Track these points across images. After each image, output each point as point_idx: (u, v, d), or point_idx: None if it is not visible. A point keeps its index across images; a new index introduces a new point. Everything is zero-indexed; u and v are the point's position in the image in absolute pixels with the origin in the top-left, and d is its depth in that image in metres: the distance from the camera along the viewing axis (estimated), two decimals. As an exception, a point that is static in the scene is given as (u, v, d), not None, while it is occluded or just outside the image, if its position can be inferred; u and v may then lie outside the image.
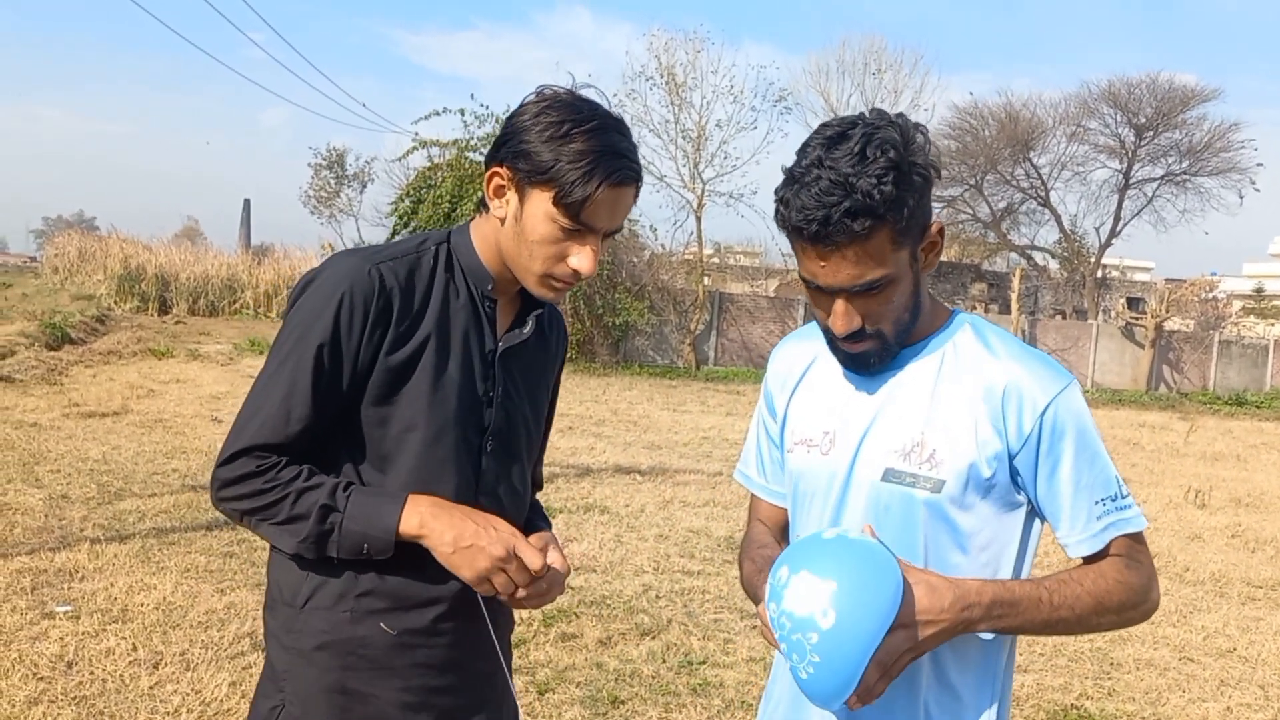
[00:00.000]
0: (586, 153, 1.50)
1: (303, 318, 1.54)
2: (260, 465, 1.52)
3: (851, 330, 1.47)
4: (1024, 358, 1.51)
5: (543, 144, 1.51)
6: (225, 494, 1.54)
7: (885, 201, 1.36)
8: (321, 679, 1.58)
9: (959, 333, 1.56)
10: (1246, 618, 6.10)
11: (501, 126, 1.60)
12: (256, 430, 1.52)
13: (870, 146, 1.37)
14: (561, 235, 1.55)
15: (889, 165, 1.36)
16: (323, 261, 1.62)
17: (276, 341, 1.57)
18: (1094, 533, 1.49)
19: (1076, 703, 4.50)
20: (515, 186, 1.55)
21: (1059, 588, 1.46)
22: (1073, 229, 33.96)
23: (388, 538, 1.52)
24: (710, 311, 23.61)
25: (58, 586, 4.98)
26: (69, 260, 25.14)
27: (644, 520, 7.32)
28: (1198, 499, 9.98)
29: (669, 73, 24.45)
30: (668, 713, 4.04)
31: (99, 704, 3.74)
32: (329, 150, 38.47)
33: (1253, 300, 43.51)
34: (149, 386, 12.39)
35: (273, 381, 1.54)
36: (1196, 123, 31.49)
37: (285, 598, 1.60)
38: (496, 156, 1.57)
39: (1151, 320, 26.72)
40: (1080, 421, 1.49)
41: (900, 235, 1.41)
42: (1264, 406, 23.76)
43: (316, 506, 1.51)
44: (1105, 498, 1.49)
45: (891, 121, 1.41)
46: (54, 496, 6.71)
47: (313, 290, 1.55)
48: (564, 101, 1.55)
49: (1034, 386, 1.48)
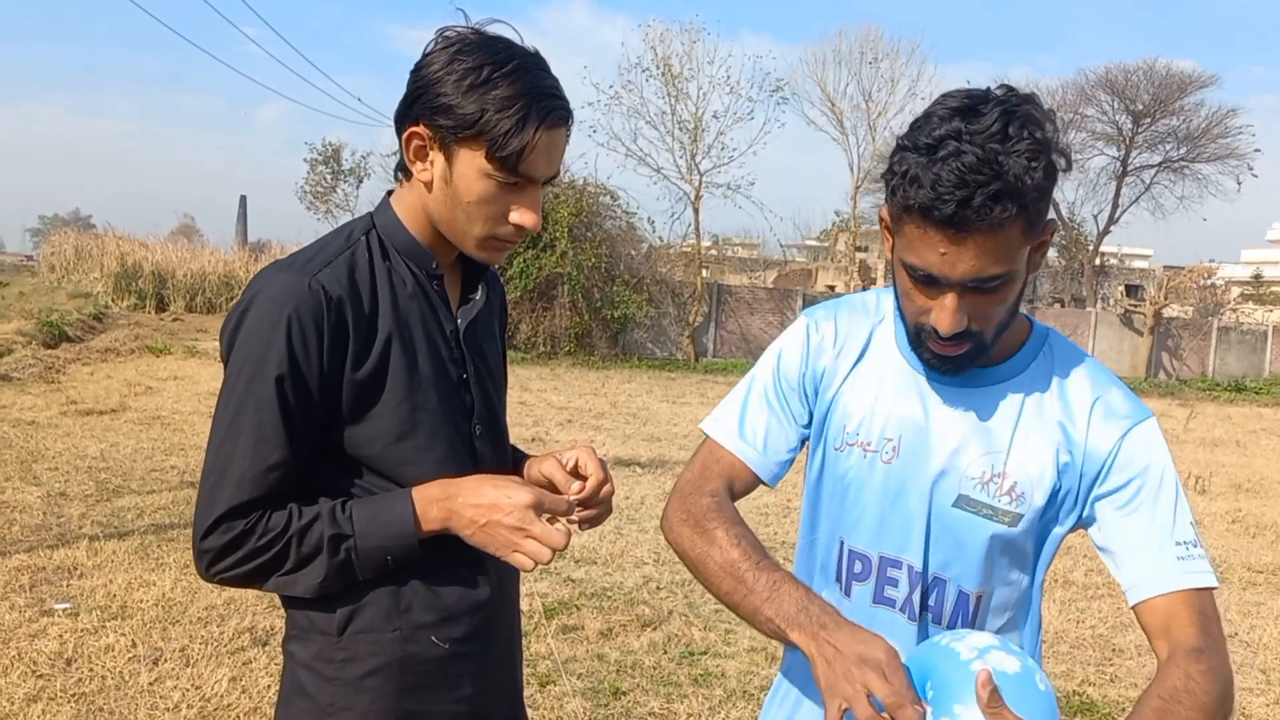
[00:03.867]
0: (515, 97, 1.36)
1: (250, 352, 1.36)
2: (246, 524, 1.37)
3: (959, 330, 1.31)
4: (1109, 383, 1.44)
5: (463, 94, 1.36)
6: (218, 567, 1.38)
7: (1035, 188, 1.22)
8: (375, 705, 1.46)
9: (1044, 348, 1.46)
10: (1247, 602, 6.10)
11: (409, 81, 1.42)
12: (233, 490, 1.36)
13: (1014, 124, 1.22)
14: (499, 191, 1.41)
15: (1037, 147, 1.22)
16: (249, 285, 1.41)
17: (226, 386, 1.39)
18: (1173, 574, 1.35)
19: (1079, 689, 4.49)
20: (439, 146, 1.40)
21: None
22: (1071, 217, 33.94)
23: (410, 543, 1.41)
24: (709, 304, 23.58)
25: (57, 584, 4.97)
26: (66, 258, 25.09)
27: (644, 512, 7.31)
28: (1198, 485, 9.98)
29: (665, 64, 24.39)
30: (669, 703, 4.03)
31: (98, 700, 3.73)
32: (325, 145, 38.37)
33: (1251, 286, 43.52)
34: (147, 384, 12.37)
35: (235, 430, 1.37)
36: (1194, 109, 31.50)
37: (319, 626, 1.46)
38: (410, 115, 1.40)
39: (1150, 307, 26.72)
40: (1163, 456, 1.40)
41: (1030, 228, 1.26)
42: (1263, 392, 23.77)
43: (325, 540, 1.38)
44: (1186, 541, 1.36)
45: (1028, 98, 1.26)
46: (52, 494, 6.70)
47: (252, 320, 1.37)
48: (475, 43, 1.39)
49: (1119, 410, 1.41)
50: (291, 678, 1.51)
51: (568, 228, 19.94)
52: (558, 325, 20.74)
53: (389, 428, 1.43)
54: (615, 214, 21.83)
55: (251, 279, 1.42)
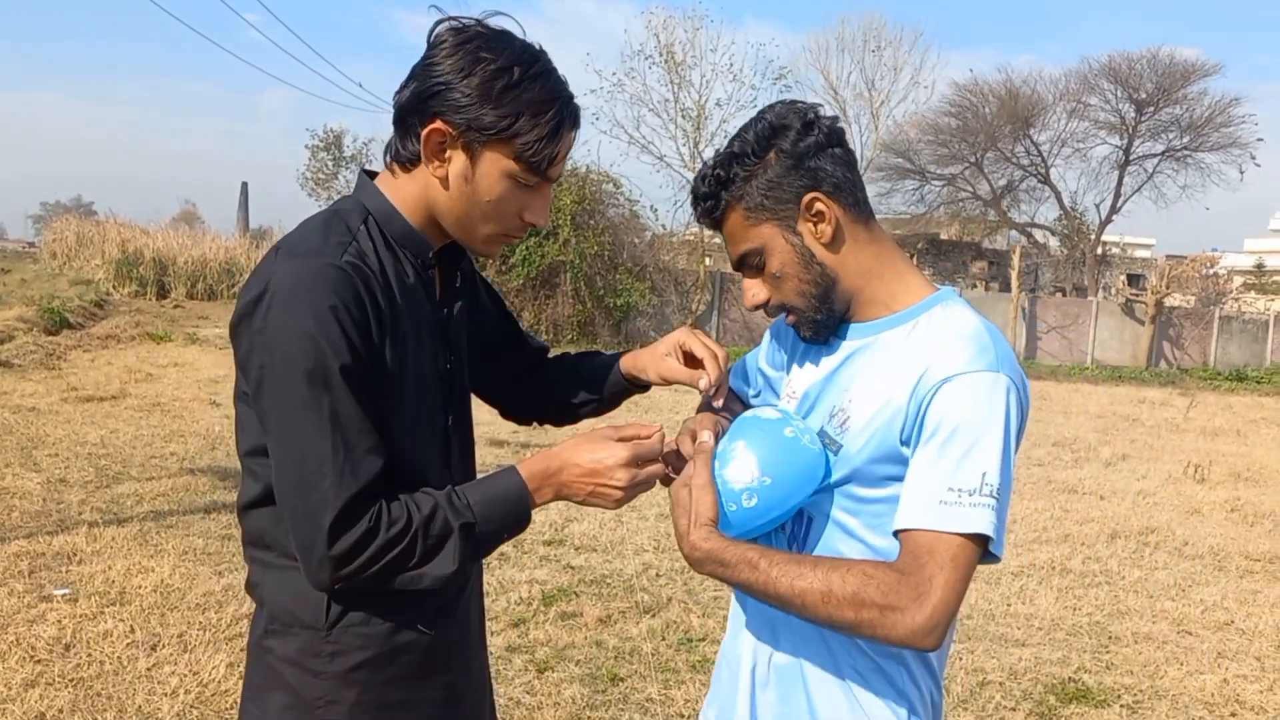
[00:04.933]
0: (548, 102, 1.39)
1: (301, 347, 1.30)
2: (370, 520, 1.32)
3: (756, 304, 1.57)
4: (959, 340, 1.43)
5: (495, 97, 1.36)
6: (348, 570, 1.33)
7: (720, 184, 1.49)
8: (364, 698, 1.46)
9: (927, 314, 1.50)
10: (1244, 591, 6.10)
11: (418, 74, 1.41)
12: (340, 487, 1.31)
13: (735, 138, 1.51)
14: (518, 191, 1.44)
15: (730, 153, 1.49)
16: (258, 276, 1.36)
17: (282, 387, 1.32)
18: (922, 513, 1.35)
19: (1075, 676, 4.50)
20: (462, 145, 1.39)
21: (783, 561, 1.37)
22: (1073, 206, 33.89)
23: (525, 522, 1.45)
24: (712, 292, 23.58)
25: (56, 569, 4.98)
26: (67, 245, 25.05)
27: (645, 499, 7.31)
28: (1197, 474, 9.98)
29: (668, 51, 24.38)
30: (667, 689, 4.05)
31: (96, 685, 3.74)
32: (326, 132, 38.12)
33: (1253, 276, 43.40)
34: (147, 370, 12.38)
35: (314, 428, 1.31)
36: (1197, 98, 31.42)
37: (304, 620, 1.44)
38: (428, 110, 1.38)
39: (1152, 297, 26.69)
40: (971, 409, 1.36)
41: (752, 210, 1.49)
42: (1264, 382, 23.73)
43: (454, 528, 1.37)
44: (963, 489, 1.33)
45: (764, 115, 1.50)
46: (52, 480, 6.72)
47: (286, 312, 1.31)
48: (493, 40, 1.39)
49: (943, 365, 1.40)
50: (267, 673, 1.49)
51: (570, 215, 19.93)
52: (560, 313, 20.75)
53: (384, 413, 1.41)
54: (618, 202, 21.84)
55: (256, 271, 1.37)
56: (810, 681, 1.53)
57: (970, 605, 5.41)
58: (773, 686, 1.58)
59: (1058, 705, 4.19)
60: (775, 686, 1.57)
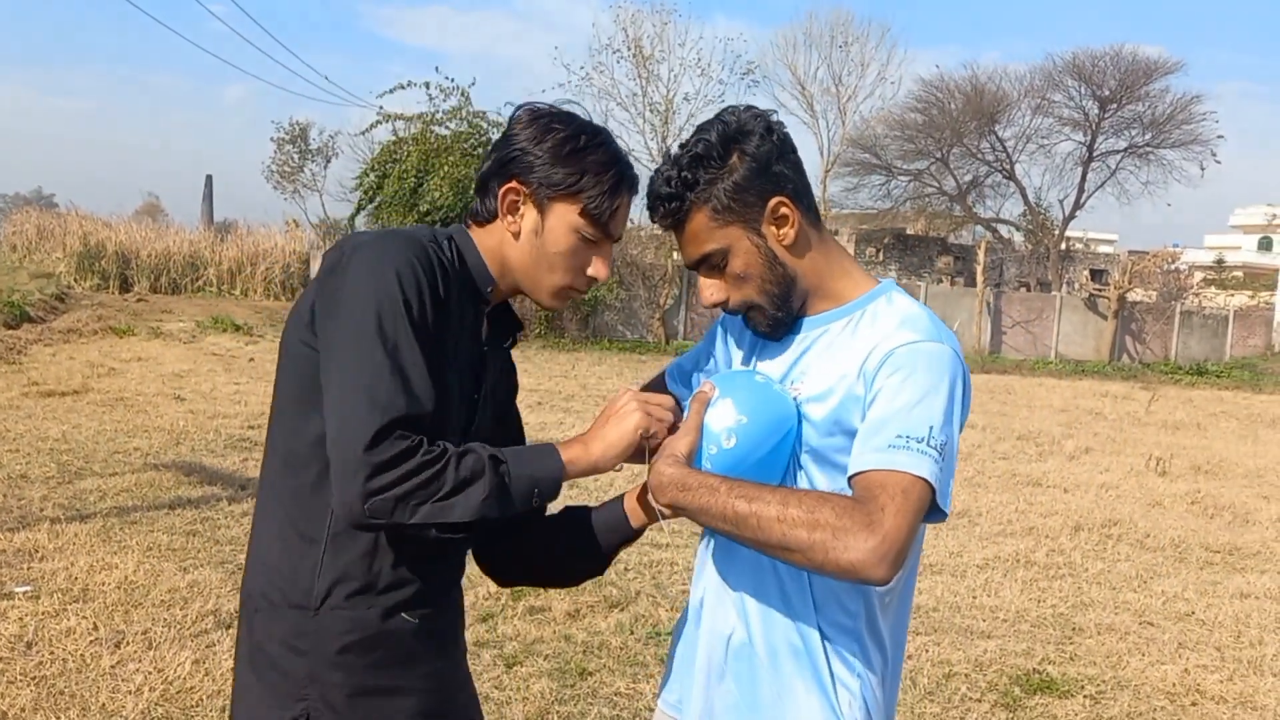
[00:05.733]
0: (609, 163, 1.57)
1: (380, 286, 1.42)
2: (412, 440, 1.37)
3: (714, 302, 1.60)
4: (905, 321, 1.52)
5: (564, 159, 1.54)
6: (379, 482, 1.35)
7: (686, 185, 1.52)
8: (350, 681, 1.50)
9: (873, 304, 1.59)
10: (1204, 582, 6.20)
11: (499, 146, 1.61)
12: (393, 403, 1.37)
13: (693, 138, 1.55)
14: (582, 246, 1.59)
15: (694, 155, 1.53)
16: (338, 246, 1.50)
17: (347, 324, 1.42)
18: (874, 455, 1.41)
19: (1039, 667, 4.56)
20: (533, 201, 1.57)
21: (743, 485, 1.42)
22: (1037, 202, 34.26)
23: (556, 477, 1.50)
24: (679, 286, 23.60)
25: (17, 566, 4.91)
26: (27, 238, 24.71)
27: (613, 493, 7.32)
28: (1159, 466, 10.13)
29: (636, 45, 24.35)
30: (635, 683, 4.06)
31: (59, 683, 3.70)
32: (292, 125, 37.86)
33: (1214, 271, 44.08)
34: (110, 365, 12.22)
35: (374, 352, 1.39)
36: (1159, 95, 31.86)
37: (293, 599, 1.50)
38: (505, 173, 1.57)
39: (1114, 292, 27.03)
40: (920, 368, 1.44)
41: (718, 213, 1.53)
42: (1224, 376, 24.13)
43: (485, 461, 1.42)
44: (910, 435, 1.40)
45: (723, 117, 1.55)
46: (13, 476, 6.62)
47: (376, 255, 1.44)
48: (564, 117, 1.59)
49: (890, 340, 1.49)
50: (257, 652, 1.53)
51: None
52: (528, 307, 20.66)
53: None
54: (586, 196, 21.74)
55: (336, 244, 1.51)
56: (764, 659, 1.58)
57: (936, 597, 5.47)
58: (730, 677, 1.61)
59: (1022, 696, 4.24)
60: (732, 677, 1.61)
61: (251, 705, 1.55)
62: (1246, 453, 11.83)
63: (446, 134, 20.47)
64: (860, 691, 1.55)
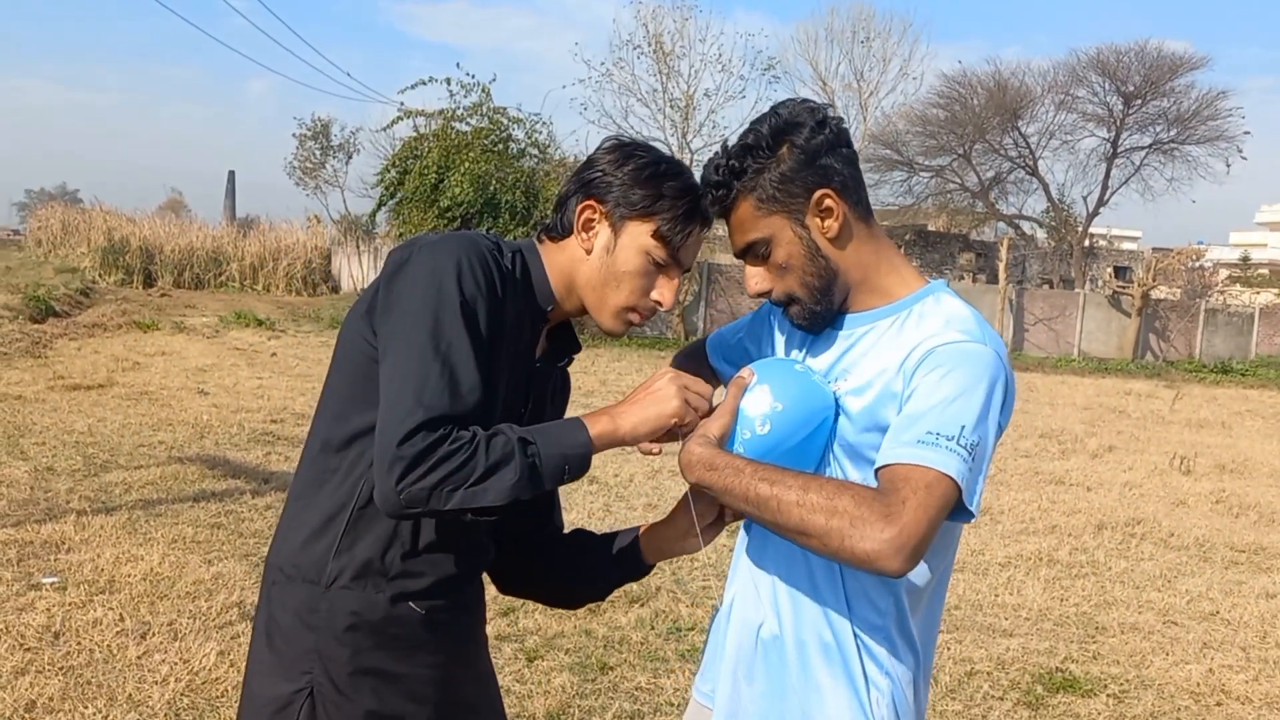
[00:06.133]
0: (686, 190, 1.61)
1: (431, 285, 1.46)
2: (440, 433, 1.41)
3: (759, 291, 1.61)
4: (951, 321, 1.51)
5: (642, 182, 1.59)
6: (412, 475, 1.39)
7: (734, 174, 1.54)
8: (354, 660, 1.55)
9: (920, 303, 1.57)
10: (1229, 581, 6.16)
11: (582, 168, 1.66)
12: (432, 402, 1.41)
13: (746, 130, 1.56)
14: (651, 268, 1.61)
15: (744, 145, 1.54)
16: (425, 235, 1.56)
17: (407, 318, 1.46)
18: (902, 449, 1.40)
19: (1061, 666, 4.54)
20: (608, 220, 1.61)
21: (769, 469, 1.44)
22: (1060, 198, 33.96)
23: (585, 452, 1.50)
24: (699, 283, 23.58)
25: (44, 558, 4.97)
26: (52, 233, 24.97)
27: (633, 490, 7.34)
28: (1183, 465, 10.05)
29: (657, 41, 24.29)
30: (656, 678, 4.06)
31: (86, 674, 3.74)
32: (314, 121, 38.01)
33: (1239, 269, 43.65)
34: (134, 359, 12.33)
35: (426, 351, 1.43)
36: (1185, 91, 31.45)
37: (306, 575, 1.56)
38: (584, 192, 1.62)
39: (1138, 289, 26.80)
40: (959, 368, 1.44)
41: (763, 202, 1.54)
42: (1249, 374, 23.89)
43: (514, 443, 1.44)
44: (942, 433, 1.39)
45: (777, 110, 1.56)
46: (39, 469, 6.69)
47: (437, 253, 1.49)
48: (646, 147, 1.66)
49: (935, 338, 1.48)
50: (270, 622, 1.60)
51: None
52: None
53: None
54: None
55: (405, 244, 1.55)
56: (792, 653, 1.58)
57: (958, 595, 5.45)
58: (759, 669, 1.62)
59: (1045, 695, 4.22)
60: (761, 668, 1.62)
61: (261, 675, 1.60)
62: (1272, 452, 11.71)
63: (467, 130, 20.53)
64: (890, 692, 1.55)
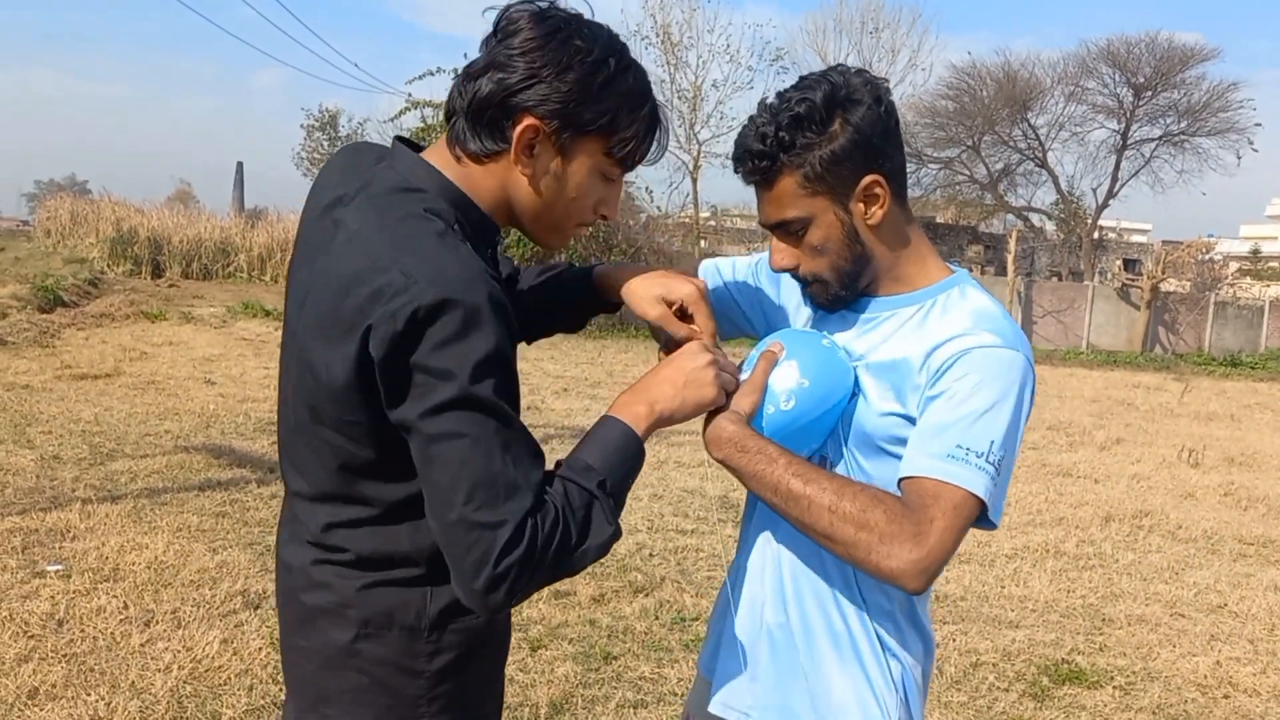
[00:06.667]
0: (642, 95, 1.37)
1: (488, 353, 1.22)
2: (531, 532, 1.23)
3: (784, 268, 1.54)
4: (979, 318, 1.46)
5: (595, 92, 1.31)
6: (513, 589, 1.23)
7: (781, 146, 1.43)
8: (453, 691, 1.45)
9: (945, 294, 1.54)
10: (1237, 574, 6.13)
11: (504, 63, 1.31)
12: (514, 503, 1.23)
13: (796, 95, 1.43)
14: (600, 185, 1.41)
15: (795, 116, 1.42)
16: (427, 279, 1.21)
17: (439, 399, 1.22)
18: (929, 463, 1.37)
19: (1068, 658, 4.52)
20: (553, 142, 1.33)
21: (802, 463, 1.41)
22: (1070, 190, 33.84)
23: (642, 458, 1.40)
24: (706, 274, 23.50)
25: (49, 546, 4.97)
26: (61, 224, 24.96)
27: (639, 480, 7.31)
28: (1191, 458, 10.01)
29: (665, 31, 24.28)
30: (660, 668, 4.05)
31: (89, 661, 3.74)
32: (322, 111, 38.16)
33: (1249, 262, 43.46)
34: (142, 349, 12.34)
35: (496, 438, 1.23)
36: (1195, 82, 31.31)
37: (402, 621, 1.40)
38: (519, 105, 1.31)
39: (1147, 282, 26.70)
40: (992, 378, 1.40)
41: (809, 181, 1.44)
42: (1259, 367, 23.79)
43: (591, 489, 1.30)
44: (971, 449, 1.36)
45: (830, 77, 1.45)
46: (45, 457, 6.70)
47: (475, 321, 1.22)
48: (578, 26, 1.33)
49: (965, 339, 1.43)
50: (360, 677, 1.43)
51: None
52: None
53: None
54: (613, 183, 21.74)
55: (383, 295, 1.22)
56: (798, 633, 1.57)
57: (964, 587, 5.43)
58: (763, 648, 1.60)
59: (1051, 686, 4.20)
60: (765, 648, 1.60)
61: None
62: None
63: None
64: (901, 677, 1.54)
